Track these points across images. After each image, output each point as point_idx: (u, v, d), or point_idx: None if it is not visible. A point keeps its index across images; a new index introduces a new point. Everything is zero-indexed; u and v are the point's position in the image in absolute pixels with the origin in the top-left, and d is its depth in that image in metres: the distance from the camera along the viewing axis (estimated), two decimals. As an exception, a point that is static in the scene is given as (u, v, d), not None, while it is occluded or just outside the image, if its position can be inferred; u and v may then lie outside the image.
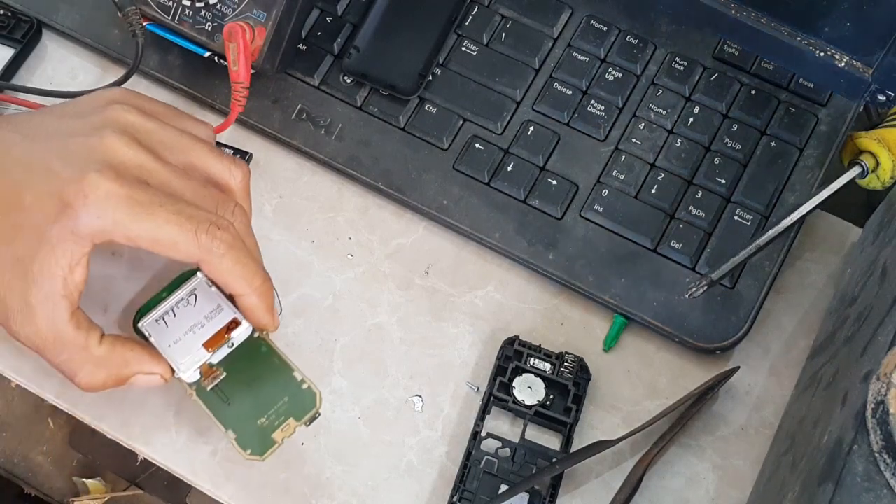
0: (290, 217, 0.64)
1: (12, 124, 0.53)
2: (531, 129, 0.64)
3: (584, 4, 0.68)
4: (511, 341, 0.60)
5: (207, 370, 0.53)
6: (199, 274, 0.55)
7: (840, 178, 0.61)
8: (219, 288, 0.54)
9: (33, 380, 0.60)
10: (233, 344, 0.54)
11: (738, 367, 0.60)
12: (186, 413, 0.59)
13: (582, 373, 0.59)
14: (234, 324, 0.54)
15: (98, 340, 0.52)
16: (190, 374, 0.53)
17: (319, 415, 0.53)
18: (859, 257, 0.59)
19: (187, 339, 0.53)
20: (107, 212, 0.49)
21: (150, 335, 0.54)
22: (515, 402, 0.58)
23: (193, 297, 0.54)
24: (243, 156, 0.64)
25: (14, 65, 0.66)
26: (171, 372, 0.54)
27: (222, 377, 0.54)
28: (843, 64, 0.63)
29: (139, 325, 0.55)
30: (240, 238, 0.52)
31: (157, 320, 0.54)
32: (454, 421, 0.59)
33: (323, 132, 0.64)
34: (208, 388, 0.53)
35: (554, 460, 0.57)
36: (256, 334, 0.55)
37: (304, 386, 0.53)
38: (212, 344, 0.53)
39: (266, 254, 0.56)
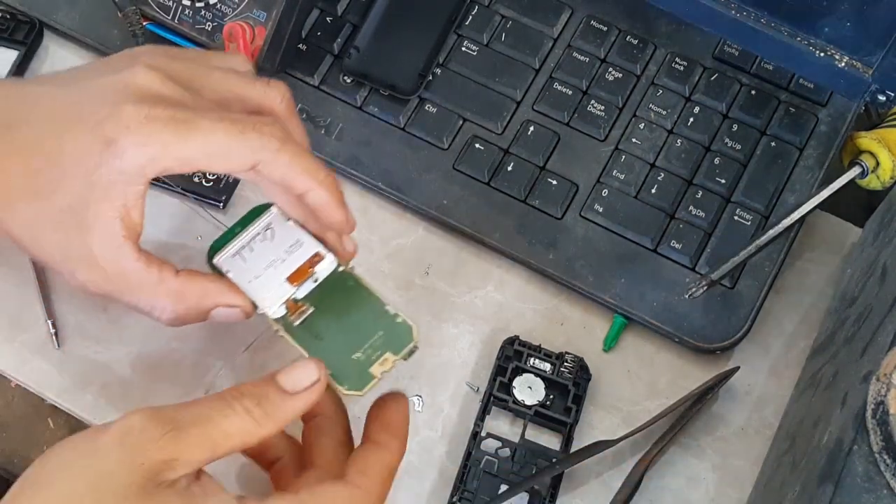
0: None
1: (37, 79, 0.51)
2: (531, 129, 0.64)
3: (584, 4, 0.68)
4: (511, 341, 0.60)
5: (293, 306, 0.50)
6: (272, 208, 0.52)
7: (840, 178, 0.61)
8: (296, 222, 0.52)
9: (33, 380, 0.60)
10: (317, 279, 0.51)
11: (738, 367, 0.60)
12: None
13: (582, 373, 0.59)
14: (317, 258, 0.51)
15: (173, 273, 0.49)
16: (275, 310, 0.50)
17: (417, 348, 0.50)
18: (859, 257, 0.59)
19: (268, 274, 0.50)
20: (151, 137, 0.46)
21: (227, 271, 0.51)
22: (515, 402, 0.58)
23: (270, 231, 0.51)
24: None
25: (21, 67, 0.66)
26: (253, 307, 0.51)
27: (310, 312, 0.51)
28: (843, 64, 0.63)
29: (214, 260, 0.52)
30: (290, 133, 0.49)
31: (233, 255, 0.51)
32: (454, 421, 0.59)
33: (323, 132, 0.64)
34: (296, 324, 0.50)
35: (554, 460, 0.57)
36: (341, 268, 0.52)
37: (399, 319, 0.50)
38: (295, 278, 0.50)
39: (266, 254, 0.56)
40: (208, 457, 0.44)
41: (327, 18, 0.67)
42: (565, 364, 0.59)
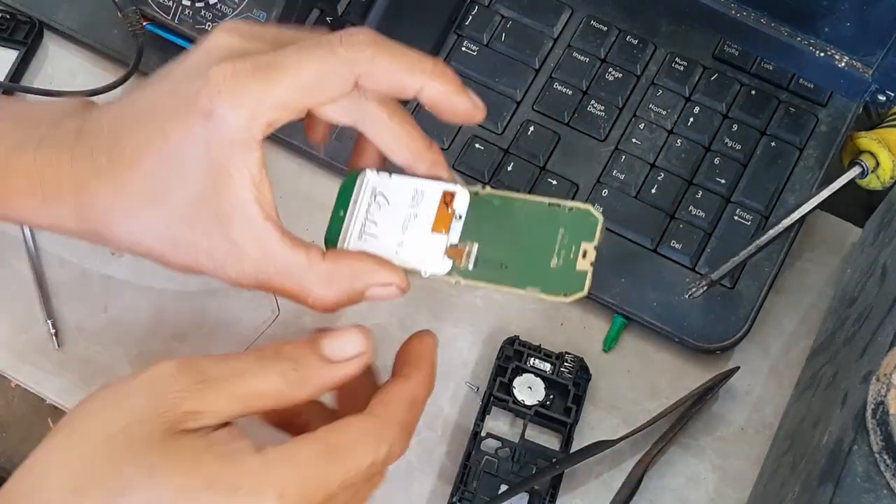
0: (290, 217, 0.63)
1: (137, 84, 0.48)
2: (531, 129, 0.64)
3: (584, 4, 0.68)
4: (511, 341, 0.60)
5: (455, 252, 0.46)
6: (366, 172, 0.47)
7: (840, 178, 0.61)
8: (399, 174, 0.47)
9: (33, 380, 0.60)
10: (460, 215, 0.46)
11: (737, 368, 0.60)
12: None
13: (582, 373, 0.59)
14: (448, 196, 0.46)
15: (320, 256, 0.45)
16: (441, 265, 0.46)
17: (604, 224, 0.46)
18: (859, 257, 0.59)
19: (410, 236, 0.46)
20: (241, 92, 0.43)
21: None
22: (515, 402, 0.58)
23: (380, 196, 0.47)
24: None
25: (21, 67, 0.66)
26: (407, 281, 0.46)
27: (476, 249, 0.46)
28: (843, 64, 0.63)
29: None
30: (379, 35, 0.45)
31: (359, 237, 0.47)
32: (454, 421, 0.59)
33: (323, 132, 0.64)
34: (471, 268, 0.46)
35: (554, 460, 0.57)
36: (478, 192, 0.47)
37: (571, 209, 0.46)
38: (439, 226, 0.46)
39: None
40: (236, 412, 0.42)
41: (327, 18, 0.67)
42: (565, 364, 0.59)
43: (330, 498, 0.42)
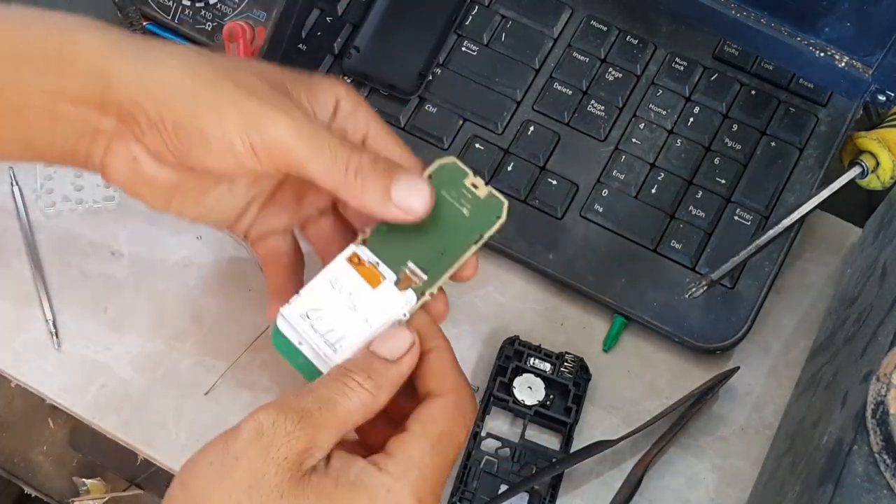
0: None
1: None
2: (531, 129, 0.64)
3: (584, 4, 0.68)
4: (511, 341, 0.60)
5: (403, 282, 0.48)
6: (278, 317, 0.48)
7: (840, 178, 0.61)
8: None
9: (33, 380, 0.60)
10: (376, 261, 0.48)
11: (737, 367, 0.60)
12: (186, 413, 0.59)
13: (582, 373, 0.59)
14: (354, 258, 0.48)
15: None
16: (406, 301, 0.48)
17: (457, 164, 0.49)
18: (859, 257, 0.59)
19: (363, 307, 0.47)
20: None
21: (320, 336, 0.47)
22: (515, 402, 0.58)
23: (311, 313, 0.48)
24: None
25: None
26: (410, 333, 0.47)
27: (412, 263, 0.48)
28: (843, 64, 0.63)
29: (291, 338, 0.48)
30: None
31: (334, 351, 0.47)
32: (454, 421, 0.59)
33: (323, 132, 0.64)
34: (425, 277, 0.48)
35: (554, 460, 0.57)
36: (365, 233, 0.48)
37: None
38: (373, 281, 0.47)
39: (266, 254, 0.56)
40: (338, 437, 0.44)
41: (327, 18, 0.67)
42: (565, 364, 0.59)
43: (446, 477, 0.46)
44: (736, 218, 0.62)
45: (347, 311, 0.47)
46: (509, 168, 0.63)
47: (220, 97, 0.45)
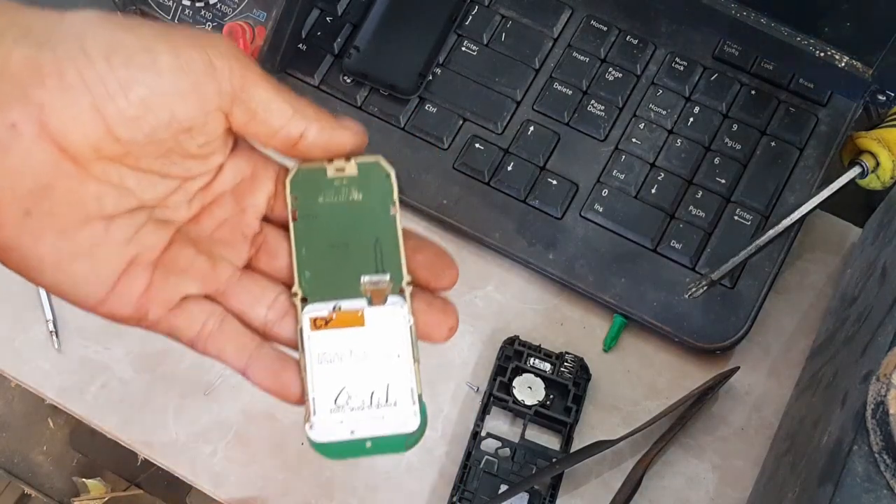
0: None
1: None
2: (531, 129, 0.64)
3: (584, 4, 0.68)
4: (511, 341, 0.60)
5: (375, 295, 0.43)
6: (308, 429, 0.42)
7: (840, 178, 0.61)
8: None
9: (33, 380, 0.60)
10: (339, 306, 0.43)
11: (738, 367, 0.60)
12: (186, 413, 0.59)
13: (582, 373, 0.59)
14: (319, 322, 0.43)
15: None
16: (398, 308, 0.43)
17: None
18: (859, 257, 0.59)
19: (373, 368, 0.43)
20: None
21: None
22: (515, 401, 0.58)
23: (343, 397, 0.43)
24: None
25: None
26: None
27: (370, 276, 0.43)
28: (843, 64, 0.63)
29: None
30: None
31: (365, 413, 0.43)
32: (454, 421, 0.59)
33: (323, 132, 0.64)
34: (387, 278, 0.43)
35: (554, 460, 0.57)
36: (296, 290, 0.43)
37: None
38: (352, 322, 0.43)
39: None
40: None
41: (327, 18, 0.67)
42: (565, 364, 0.59)
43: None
44: (736, 218, 0.62)
45: (366, 365, 0.43)
46: (509, 168, 0.63)
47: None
